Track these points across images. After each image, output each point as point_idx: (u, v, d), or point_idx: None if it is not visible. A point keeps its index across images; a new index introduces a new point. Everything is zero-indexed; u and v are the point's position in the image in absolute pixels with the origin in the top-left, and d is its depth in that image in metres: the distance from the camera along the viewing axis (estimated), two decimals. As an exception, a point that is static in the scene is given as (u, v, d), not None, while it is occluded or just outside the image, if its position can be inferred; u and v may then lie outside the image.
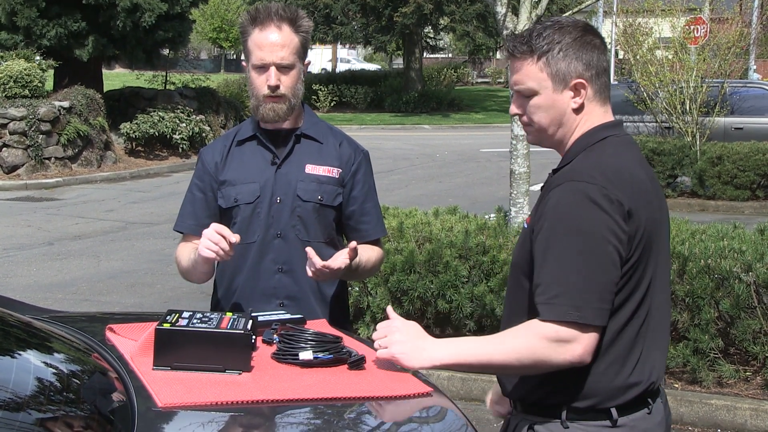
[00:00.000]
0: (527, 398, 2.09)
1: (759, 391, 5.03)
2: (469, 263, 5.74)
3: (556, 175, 2.07)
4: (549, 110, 2.07)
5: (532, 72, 2.05)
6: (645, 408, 2.05)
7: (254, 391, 1.98)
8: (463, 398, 5.18)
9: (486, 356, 1.97)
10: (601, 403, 2.01)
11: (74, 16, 16.87)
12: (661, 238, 2.07)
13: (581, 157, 2.04)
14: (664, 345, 2.13)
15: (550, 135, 2.11)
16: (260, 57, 2.68)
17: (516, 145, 6.50)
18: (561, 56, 2.03)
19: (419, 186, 14.87)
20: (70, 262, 9.12)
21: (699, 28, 14.15)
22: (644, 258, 1.99)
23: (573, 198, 1.95)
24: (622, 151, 2.06)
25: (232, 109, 20.68)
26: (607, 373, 2.00)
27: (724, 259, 5.02)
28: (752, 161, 12.35)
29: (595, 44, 2.06)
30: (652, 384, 2.06)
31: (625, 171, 2.00)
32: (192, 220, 2.82)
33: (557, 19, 2.10)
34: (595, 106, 2.08)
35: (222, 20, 52.73)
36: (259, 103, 2.72)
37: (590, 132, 2.07)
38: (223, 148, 2.84)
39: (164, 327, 2.10)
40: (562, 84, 2.04)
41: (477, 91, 39.71)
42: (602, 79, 2.07)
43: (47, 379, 2.11)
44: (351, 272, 2.72)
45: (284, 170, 2.77)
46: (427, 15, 29.12)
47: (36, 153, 15.30)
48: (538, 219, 2.02)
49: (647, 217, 2.00)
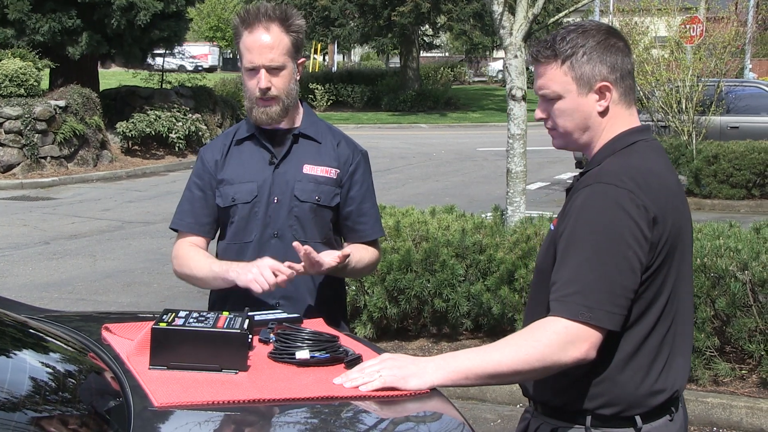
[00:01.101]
0: (551, 402, 2.08)
1: (755, 390, 5.03)
2: (466, 262, 5.74)
3: (584, 176, 2.06)
4: (573, 114, 2.06)
5: (556, 76, 2.05)
6: (668, 415, 2.05)
7: (251, 390, 1.98)
8: (460, 397, 5.18)
9: (493, 365, 1.94)
10: (625, 411, 2.00)
11: (69, 12, 16.81)
12: (684, 245, 2.06)
13: (610, 160, 2.03)
14: (688, 351, 2.12)
15: (575, 139, 2.10)
16: (250, 59, 2.68)
17: (513, 144, 6.50)
18: (585, 60, 2.03)
19: (416, 185, 14.87)
20: (66, 262, 9.10)
21: (695, 27, 14.17)
22: (666, 265, 1.99)
23: (600, 200, 1.94)
24: (652, 156, 2.05)
25: (228, 108, 20.66)
26: (633, 380, 1.99)
27: (720, 258, 5.02)
28: (748, 160, 12.37)
29: (618, 47, 2.05)
30: (676, 392, 2.06)
31: (653, 176, 1.99)
32: (190, 218, 2.82)
33: (581, 23, 2.09)
34: (620, 110, 2.07)
35: (218, 19, 52.71)
36: (252, 105, 2.73)
37: (619, 136, 2.06)
38: (222, 146, 2.84)
39: (160, 326, 2.09)
40: (587, 87, 2.04)
41: (474, 90, 39.72)
42: (627, 82, 2.06)
43: (43, 379, 2.10)
44: (340, 270, 2.72)
45: (282, 170, 2.77)
46: (425, 14, 29.12)
47: (32, 152, 15.28)
48: (563, 219, 2.02)
49: (673, 223, 1.99)
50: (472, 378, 1.96)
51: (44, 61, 16.56)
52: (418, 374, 1.98)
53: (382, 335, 5.99)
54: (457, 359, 1.98)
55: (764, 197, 12.50)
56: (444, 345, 5.88)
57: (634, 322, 1.97)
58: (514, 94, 6.42)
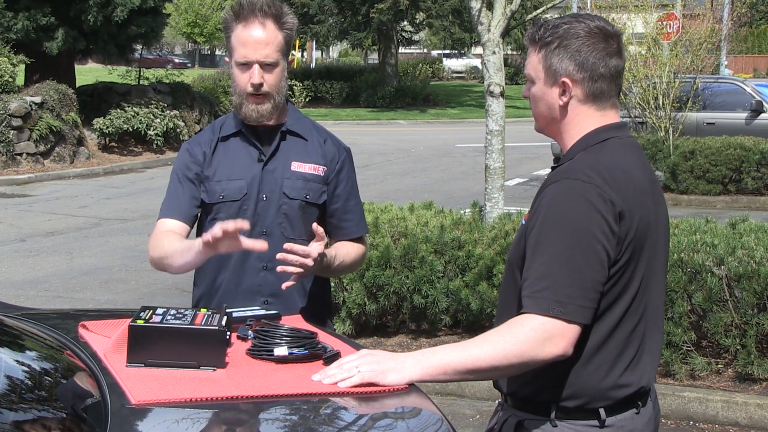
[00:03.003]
0: (518, 393, 2.09)
1: (730, 384, 5.08)
2: (445, 258, 5.75)
3: (553, 172, 2.08)
4: (540, 101, 2.11)
5: (533, 61, 2.10)
6: (633, 408, 2.06)
7: (229, 387, 1.98)
8: (439, 393, 5.19)
9: (471, 361, 1.94)
10: (589, 404, 2.01)
11: (43, 9, 16.64)
12: (656, 241, 2.07)
13: (580, 156, 2.05)
14: (657, 348, 2.13)
15: (544, 125, 2.16)
16: (244, 54, 2.65)
17: (491, 140, 6.51)
18: (556, 52, 2.05)
19: (395, 181, 14.88)
20: (43, 259, 9.03)
21: (671, 24, 14.26)
22: (633, 260, 2.00)
23: (567, 195, 1.96)
24: (622, 153, 2.06)
25: (206, 104, 20.57)
26: (597, 374, 2.00)
27: (696, 253, 5.07)
28: (724, 156, 12.48)
29: (600, 48, 2.04)
30: (643, 387, 2.07)
31: (621, 172, 2.01)
32: (178, 209, 2.76)
33: (579, 16, 2.10)
34: (586, 109, 2.08)
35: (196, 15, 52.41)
36: (242, 101, 2.70)
37: (592, 133, 2.07)
38: (210, 141, 2.80)
39: (138, 324, 2.08)
40: (552, 79, 2.07)
41: (452, 86, 39.81)
42: (599, 84, 2.05)
43: (18, 378, 2.08)
44: (328, 268, 2.71)
45: (270, 167, 2.75)
46: (404, 11, 29.14)
47: (7, 149, 15.14)
48: (533, 215, 2.03)
49: (641, 219, 2.00)
50: (451, 373, 1.97)
51: (19, 56, 16.39)
52: (396, 369, 1.99)
53: (361, 332, 5.99)
54: (435, 355, 1.99)
55: (740, 193, 12.62)
56: (423, 341, 5.88)
57: (600, 316, 1.98)
58: (492, 90, 6.44)
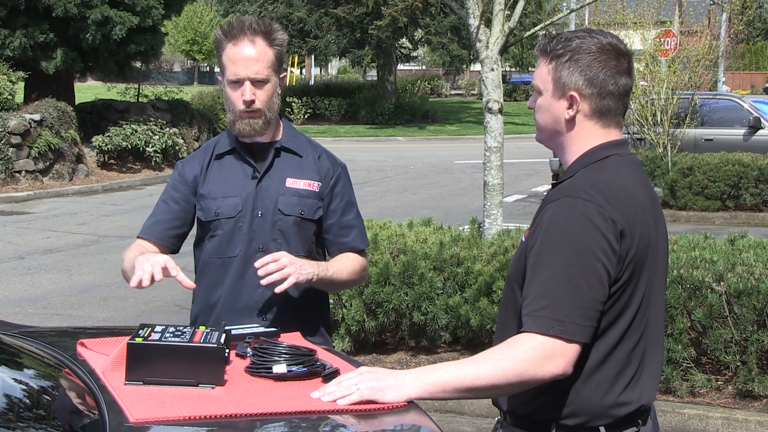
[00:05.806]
0: (518, 411, 2.08)
1: (730, 401, 5.07)
2: (444, 274, 5.75)
3: (554, 189, 2.08)
4: (546, 113, 2.11)
5: (542, 72, 2.11)
6: (633, 427, 2.05)
7: (228, 405, 1.97)
8: (438, 410, 5.17)
9: (470, 379, 1.93)
10: (589, 422, 2.01)
11: (41, 27, 16.67)
12: (656, 259, 2.07)
13: (581, 174, 2.05)
14: (658, 366, 2.12)
15: (546, 137, 2.16)
16: (234, 72, 2.68)
17: (489, 156, 6.52)
18: (567, 65, 2.05)
19: (393, 198, 14.89)
20: (41, 276, 9.02)
21: (669, 41, 14.31)
22: (634, 279, 2.00)
23: (568, 213, 1.96)
24: (623, 171, 2.06)
25: (205, 121, 20.59)
26: (597, 392, 2.00)
27: (696, 269, 5.06)
28: (722, 172, 12.50)
29: (611, 66, 2.05)
30: (643, 405, 2.06)
31: (622, 190, 2.01)
32: (156, 228, 2.78)
33: (593, 31, 2.10)
34: (591, 125, 2.08)
35: (195, 32, 52.62)
36: (235, 118, 2.72)
37: (594, 149, 2.08)
38: (202, 161, 2.82)
39: (136, 341, 2.08)
40: (560, 92, 2.07)
41: (451, 102, 39.88)
42: (606, 101, 2.06)
43: (17, 396, 2.08)
44: (326, 282, 2.72)
45: (265, 184, 2.76)
46: (402, 28, 29.23)
47: (6, 166, 15.14)
48: (533, 232, 2.03)
49: (641, 237, 2.00)
50: (450, 391, 1.96)
51: (18, 73, 16.41)
52: (395, 386, 1.98)
53: (360, 348, 5.98)
54: (435, 372, 1.98)
55: (738, 209, 12.63)
56: (422, 358, 5.87)
57: (601, 335, 1.98)
58: (491, 107, 6.45)
